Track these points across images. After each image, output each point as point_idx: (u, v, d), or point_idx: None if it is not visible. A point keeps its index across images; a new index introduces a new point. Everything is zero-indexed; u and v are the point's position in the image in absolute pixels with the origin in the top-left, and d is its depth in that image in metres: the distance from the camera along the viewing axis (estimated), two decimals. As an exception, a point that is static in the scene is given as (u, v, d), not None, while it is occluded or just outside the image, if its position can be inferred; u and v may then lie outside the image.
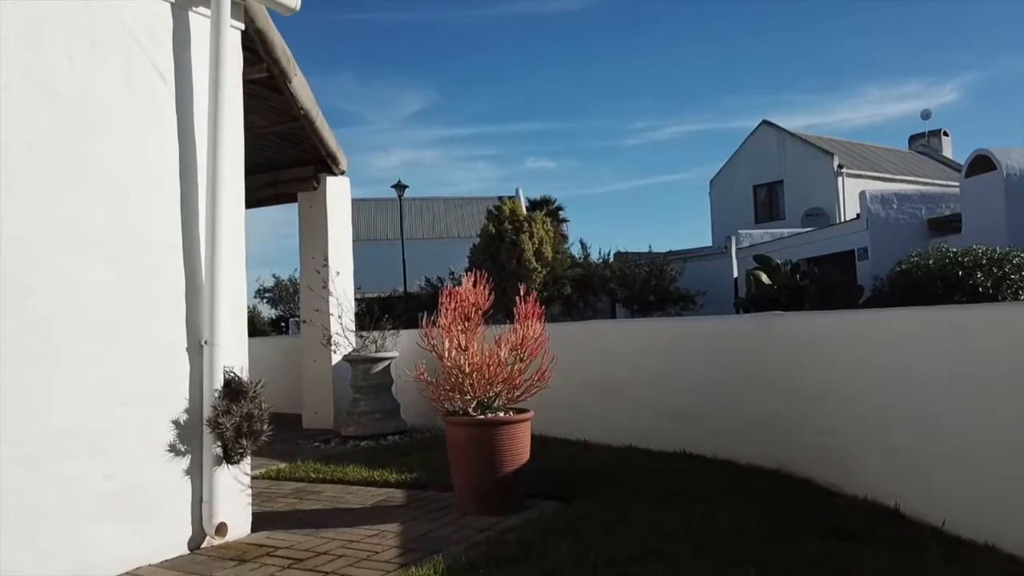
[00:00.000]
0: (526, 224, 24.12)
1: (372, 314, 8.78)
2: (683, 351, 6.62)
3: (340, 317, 8.20)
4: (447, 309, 4.65)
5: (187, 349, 3.95)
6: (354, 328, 8.57)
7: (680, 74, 71.32)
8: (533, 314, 4.73)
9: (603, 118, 74.02)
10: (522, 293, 4.73)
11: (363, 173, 74.81)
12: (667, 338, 6.92)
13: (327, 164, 8.77)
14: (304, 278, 8.90)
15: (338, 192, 9.02)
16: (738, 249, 26.09)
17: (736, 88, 71.50)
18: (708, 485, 5.06)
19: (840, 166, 31.63)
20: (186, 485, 3.92)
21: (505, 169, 72.65)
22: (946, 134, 40.50)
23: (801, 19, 64.69)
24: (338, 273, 8.48)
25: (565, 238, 27.04)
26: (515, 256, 23.73)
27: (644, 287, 23.64)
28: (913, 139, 40.89)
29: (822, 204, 31.54)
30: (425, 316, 4.89)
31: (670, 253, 26.33)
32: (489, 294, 4.70)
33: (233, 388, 3.99)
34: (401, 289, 27.66)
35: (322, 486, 5.62)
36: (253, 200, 9.53)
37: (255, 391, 4.04)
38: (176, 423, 3.89)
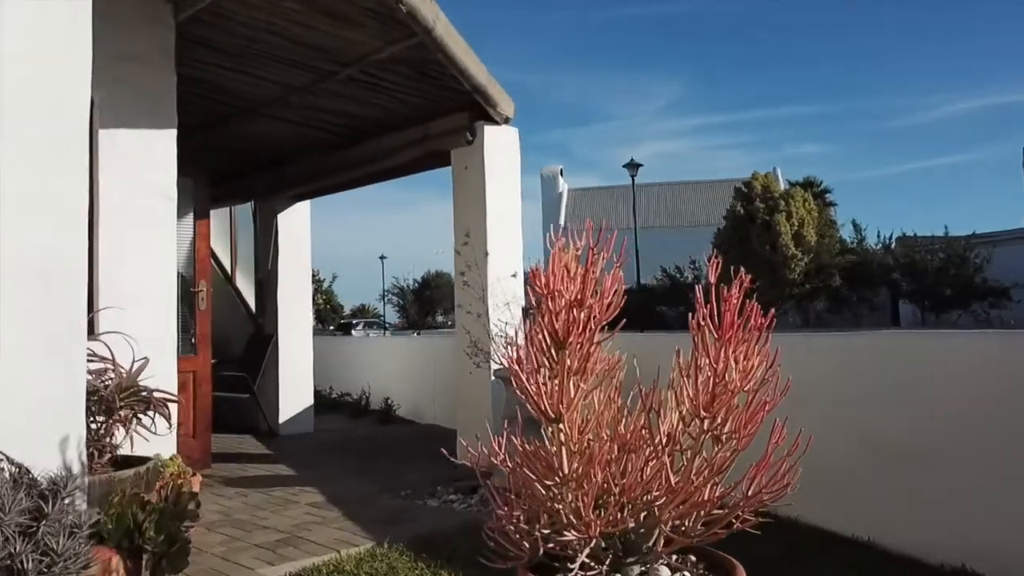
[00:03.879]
0: (783, 202, 20.25)
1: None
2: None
3: (481, 316, 5.78)
4: (540, 319, 1.99)
5: None
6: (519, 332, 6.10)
7: (959, 45, 61.29)
8: (746, 324, 1.93)
9: (873, 97, 66.00)
10: (713, 275, 1.93)
11: (612, 167, 73.47)
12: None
13: (483, 108, 6.40)
14: (456, 264, 6.61)
15: (501, 146, 6.61)
16: (1074, 228, 20.17)
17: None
18: None
19: None
20: None
21: (762, 155, 67.56)
22: None
23: None
24: (487, 255, 6.07)
25: (832, 224, 22.83)
26: (769, 241, 19.98)
27: (938, 277, 18.83)
28: None
29: None
30: (524, 324, 2.29)
31: (972, 236, 20.98)
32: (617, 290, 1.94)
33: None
34: (633, 281, 24.88)
35: (370, 622, 3.22)
36: (399, 166, 7.44)
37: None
38: None
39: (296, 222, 8.97)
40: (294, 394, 8.64)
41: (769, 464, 1.94)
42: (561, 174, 40.22)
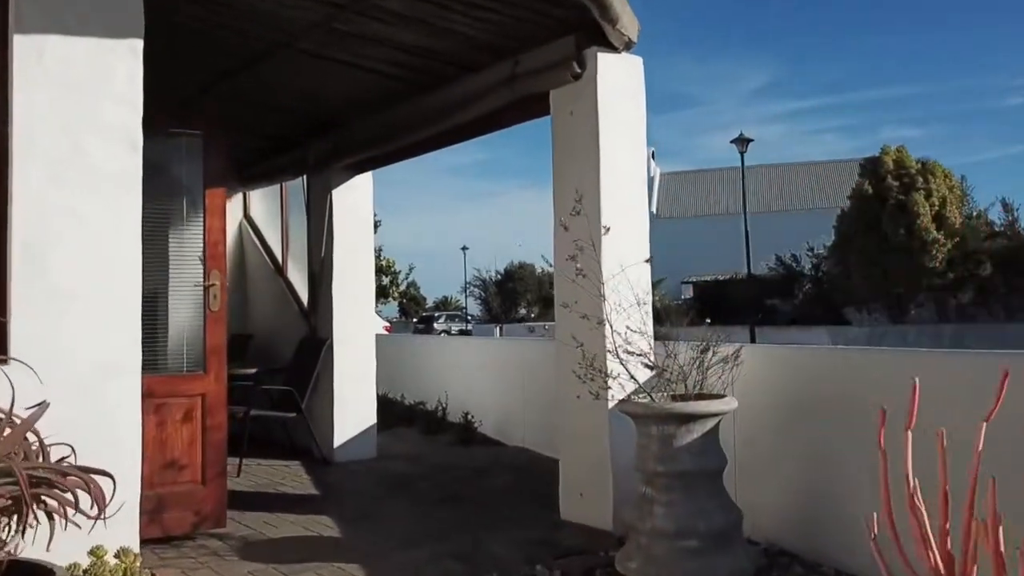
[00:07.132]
0: (920, 179, 17.61)
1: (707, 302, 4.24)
2: None
3: (602, 323, 3.89)
4: None
5: None
6: (649, 347, 4.17)
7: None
8: None
9: (978, 76, 60.96)
10: None
11: (702, 155, 70.65)
12: None
13: (597, 26, 4.53)
14: (559, 244, 4.75)
15: (620, 80, 4.74)
16: None
17: None
18: None
19: None
20: None
21: (858, 140, 63.52)
22: None
23: None
24: (607, 230, 4.18)
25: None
26: (903, 224, 17.40)
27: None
28: None
29: None
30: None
31: None
32: None
33: None
34: (743, 271, 22.28)
35: None
36: (480, 119, 5.59)
37: None
38: None
39: (355, 200, 7.27)
40: (352, 412, 6.95)
41: None
42: (653, 157, 37.81)
